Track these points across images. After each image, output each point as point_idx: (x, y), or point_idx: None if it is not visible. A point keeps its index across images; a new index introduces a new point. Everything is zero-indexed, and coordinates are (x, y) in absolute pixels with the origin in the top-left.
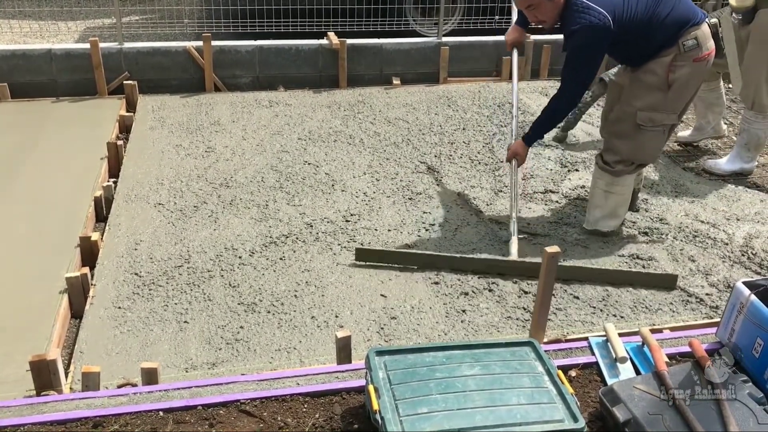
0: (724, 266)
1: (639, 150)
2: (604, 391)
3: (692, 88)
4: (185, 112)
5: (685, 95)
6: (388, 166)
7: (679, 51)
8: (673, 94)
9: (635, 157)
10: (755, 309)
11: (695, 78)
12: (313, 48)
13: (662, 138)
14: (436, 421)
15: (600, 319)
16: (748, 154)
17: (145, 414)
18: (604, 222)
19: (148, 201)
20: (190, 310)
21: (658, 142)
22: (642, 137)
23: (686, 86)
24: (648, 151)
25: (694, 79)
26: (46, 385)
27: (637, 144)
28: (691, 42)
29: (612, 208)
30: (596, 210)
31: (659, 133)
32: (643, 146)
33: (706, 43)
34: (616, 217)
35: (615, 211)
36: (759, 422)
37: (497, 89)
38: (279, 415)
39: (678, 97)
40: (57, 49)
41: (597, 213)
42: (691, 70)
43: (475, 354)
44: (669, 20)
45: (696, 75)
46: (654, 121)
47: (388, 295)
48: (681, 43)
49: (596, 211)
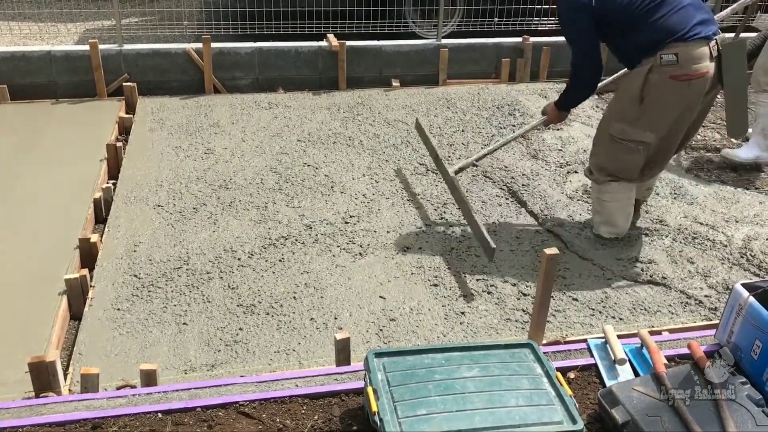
0: (723, 268)
1: (613, 162)
2: (602, 392)
3: (672, 107)
4: (184, 113)
5: (663, 114)
6: (388, 167)
7: (655, 63)
8: (647, 108)
9: (610, 168)
10: (754, 311)
11: (675, 97)
12: (312, 50)
13: (638, 156)
14: (435, 422)
15: (599, 321)
16: (765, 141)
17: (144, 415)
18: (605, 228)
19: (147, 203)
20: (189, 312)
21: (633, 159)
22: (615, 150)
23: (662, 104)
24: (623, 165)
25: (674, 98)
26: (45, 386)
27: (611, 156)
28: (669, 57)
29: (608, 215)
30: (596, 215)
31: (634, 150)
32: (617, 159)
33: (690, 63)
34: (613, 224)
35: (611, 218)
36: (757, 424)
37: (496, 91)
38: (278, 416)
39: (653, 113)
40: (56, 50)
41: (596, 218)
42: (666, 87)
43: (474, 356)
44: (657, 25)
45: (675, 94)
46: (626, 134)
47: (387, 296)
48: (659, 54)
49: (596, 216)
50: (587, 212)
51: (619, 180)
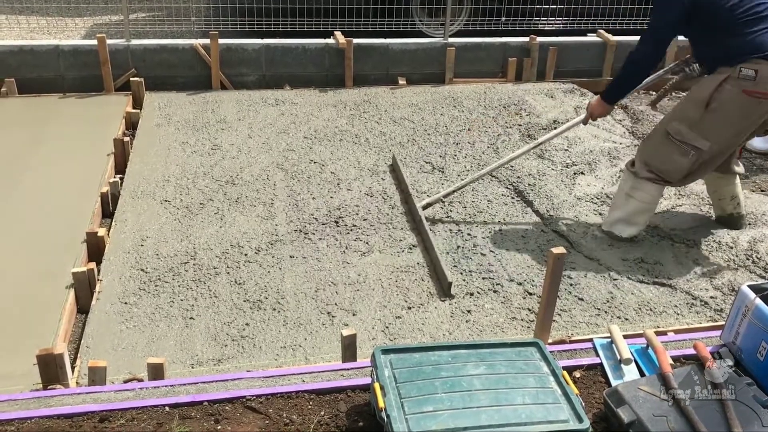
0: (728, 269)
1: (661, 160)
2: (608, 392)
3: (735, 121)
4: (191, 109)
5: (725, 125)
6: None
7: (733, 74)
8: (709, 115)
9: (655, 165)
10: (760, 312)
11: (741, 111)
12: (319, 47)
13: (687, 160)
14: (441, 419)
15: (604, 321)
16: None
17: (151, 409)
18: (621, 226)
19: (154, 197)
20: (196, 307)
21: (680, 162)
22: (666, 147)
23: (727, 115)
24: (668, 166)
25: (740, 112)
26: (52, 379)
27: (660, 153)
28: (749, 72)
29: (630, 213)
30: (616, 211)
31: (684, 153)
32: (666, 158)
33: (766, 83)
34: (633, 224)
35: (633, 217)
36: (763, 425)
37: (503, 90)
38: (284, 411)
39: (715, 122)
40: (64, 45)
41: (615, 214)
42: (736, 100)
43: (481, 353)
44: (749, 38)
45: (742, 108)
46: (681, 135)
47: (394, 293)
48: (739, 66)
49: (616, 212)
50: (593, 213)
51: (658, 181)
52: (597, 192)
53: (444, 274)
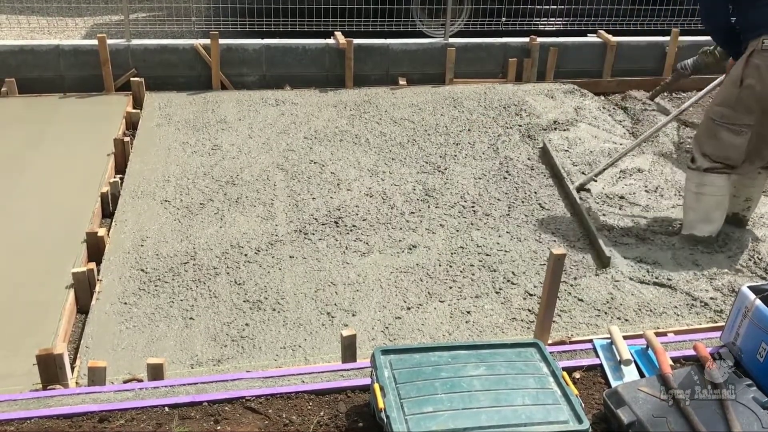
0: (728, 270)
1: (716, 146)
2: (608, 393)
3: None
4: (192, 109)
5: (762, 96)
6: (394, 166)
7: (757, 47)
8: (745, 91)
9: (713, 152)
10: (760, 313)
11: None
12: (320, 47)
13: (740, 139)
14: (441, 420)
15: (604, 322)
16: None
17: (151, 409)
18: (701, 226)
19: (154, 198)
20: (196, 307)
21: (735, 142)
22: (716, 133)
23: (761, 85)
24: (725, 151)
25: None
26: (52, 379)
27: (713, 140)
28: None
29: (705, 211)
30: (690, 212)
31: (736, 132)
32: (720, 143)
33: None
34: (710, 221)
35: (708, 214)
36: (763, 426)
37: (503, 91)
38: (284, 412)
39: (752, 95)
40: (64, 45)
41: (691, 215)
42: (765, 71)
43: (481, 354)
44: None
45: None
46: (725, 117)
47: (393, 294)
48: (762, 38)
49: (690, 213)
50: (593, 213)
51: (722, 170)
52: (597, 192)
53: (601, 248)
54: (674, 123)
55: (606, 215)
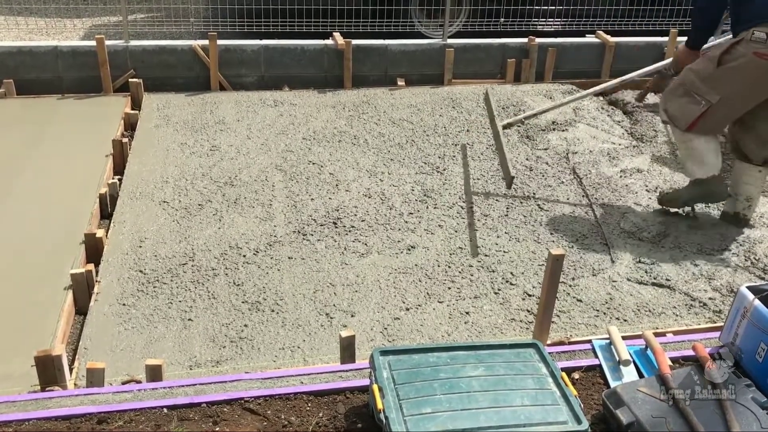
0: (727, 271)
1: (676, 107)
2: (607, 393)
3: (742, 79)
4: (190, 110)
5: (734, 81)
6: (392, 166)
7: (746, 36)
8: (720, 72)
9: (671, 112)
10: (759, 313)
11: (749, 71)
12: (318, 48)
13: (697, 108)
14: (440, 421)
15: (603, 322)
16: None
17: (150, 411)
18: (699, 170)
19: (152, 199)
20: (195, 308)
21: (692, 109)
22: (680, 97)
23: (736, 72)
24: (681, 112)
25: (747, 72)
26: (50, 380)
27: (677, 100)
28: (760, 35)
29: (699, 156)
30: (687, 162)
31: (696, 102)
32: (680, 106)
33: None
34: (706, 163)
35: (703, 158)
36: (762, 426)
37: (501, 91)
38: (283, 413)
39: (724, 77)
40: (63, 46)
41: (688, 165)
42: (746, 60)
43: (480, 355)
44: (762, 3)
45: (752, 69)
46: (693, 85)
47: (392, 295)
48: (753, 30)
49: (687, 163)
50: (594, 220)
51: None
52: (598, 192)
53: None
54: None
55: (605, 215)
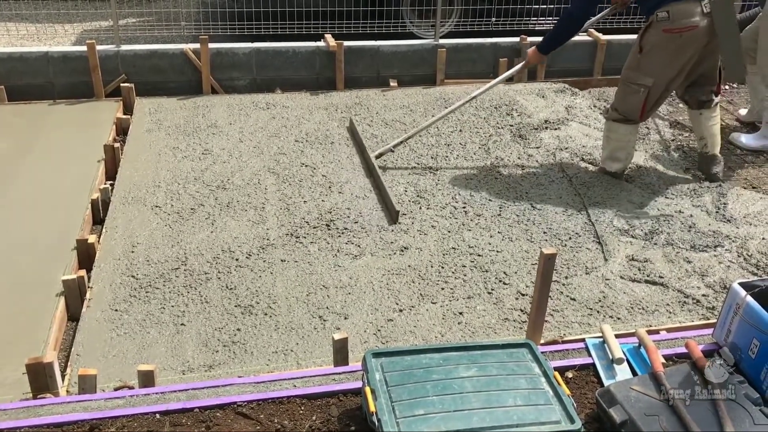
0: (720, 267)
1: (622, 102)
2: (600, 392)
3: (665, 55)
4: (182, 114)
5: (658, 60)
6: (385, 167)
7: (654, 19)
8: (644, 57)
9: (620, 108)
10: (751, 310)
11: (668, 46)
12: (310, 50)
13: (639, 96)
14: (433, 422)
15: (597, 321)
16: None
17: (142, 416)
18: (608, 163)
19: (145, 203)
20: (187, 313)
21: (634, 99)
22: (624, 92)
23: (656, 51)
24: (627, 105)
25: (666, 46)
26: (42, 387)
27: (620, 97)
28: (663, 14)
29: (610, 151)
30: (603, 150)
31: (636, 91)
32: (624, 100)
33: (680, 19)
34: (616, 160)
35: (613, 154)
36: (755, 423)
37: (494, 91)
38: (276, 417)
39: (649, 60)
40: (54, 51)
41: (604, 153)
42: (659, 39)
43: (472, 355)
44: None
45: (667, 44)
46: (630, 79)
47: (385, 296)
48: (656, 13)
49: (603, 151)
50: (586, 218)
51: (626, 122)
52: (592, 191)
53: (392, 204)
54: (665, 124)
55: (598, 213)
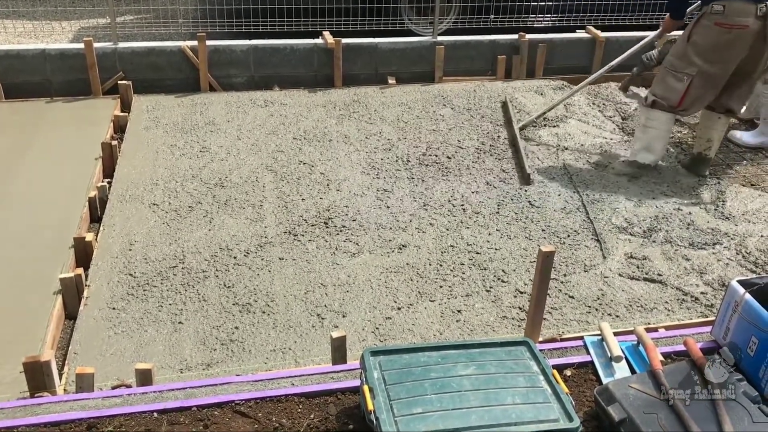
0: (718, 265)
1: (662, 87)
2: (599, 390)
3: (711, 47)
4: (180, 111)
5: (704, 51)
6: (384, 165)
7: (707, 11)
8: (691, 47)
9: (659, 93)
10: (750, 307)
11: (716, 39)
12: (308, 47)
13: (682, 84)
14: (431, 421)
15: (595, 318)
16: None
17: (140, 415)
18: (643, 154)
19: (142, 201)
20: (185, 311)
21: (677, 86)
22: (665, 78)
23: (704, 42)
24: (668, 91)
25: (715, 39)
26: (40, 386)
27: (660, 83)
28: (718, 8)
29: (648, 141)
30: (636, 143)
31: (679, 79)
32: (665, 85)
33: (734, 16)
34: (651, 151)
35: (651, 144)
36: (753, 421)
37: (492, 88)
38: (274, 415)
39: (696, 49)
40: (51, 49)
41: (636, 145)
42: (709, 31)
43: (471, 354)
44: None
45: (717, 37)
46: (674, 66)
47: (384, 294)
48: (712, 5)
49: (636, 143)
50: (585, 216)
51: (664, 108)
52: (590, 189)
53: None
54: None
55: (596, 211)
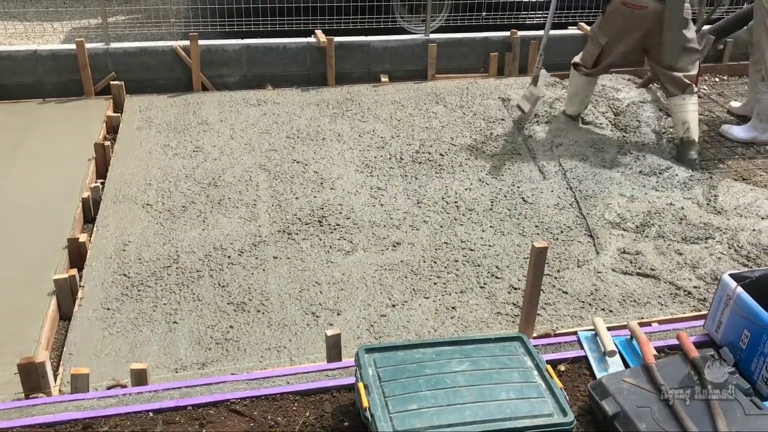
0: (711, 259)
1: (585, 51)
2: (593, 384)
3: (617, 22)
4: (173, 111)
5: (611, 25)
6: (377, 163)
7: None
8: (605, 20)
9: (582, 55)
10: (742, 301)
11: (620, 16)
12: (300, 46)
13: (595, 48)
14: (426, 417)
15: (589, 314)
16: (761, 125)
17: (135, 415)
18: (567, 105)
19: (136, 201)
20: (180, 311)
21: (592, 50)
22: (588, 43)
23: (612, 19)
24: (586, 54)
25: (619, 16)
26: (34, 387)
27: (585, 49)
28: None
29: (568, 95)
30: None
31: (595, 44)
32: (586, 49)
33: None
34: (571, 103)
35: (570, 98)
36: (746, 413)
37: (485, 85)
38: (269, 414)
39: (607, 23)
40: (43, 50)
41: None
42: (617, 8)
43: (465, 350)
44: None
45: (621, 15)
46: (594, 33)
47: (378, 292)
48: None
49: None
50: (578, 211)
51: (578, 68)
52: (583, 185)
53: None
54: (657, 113)
55: (589, 206)
